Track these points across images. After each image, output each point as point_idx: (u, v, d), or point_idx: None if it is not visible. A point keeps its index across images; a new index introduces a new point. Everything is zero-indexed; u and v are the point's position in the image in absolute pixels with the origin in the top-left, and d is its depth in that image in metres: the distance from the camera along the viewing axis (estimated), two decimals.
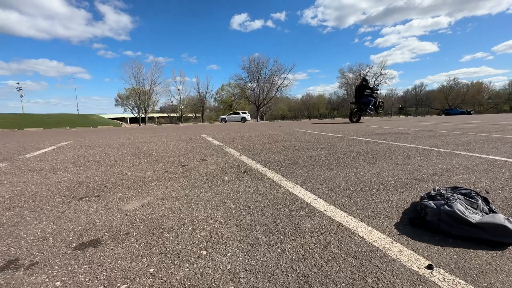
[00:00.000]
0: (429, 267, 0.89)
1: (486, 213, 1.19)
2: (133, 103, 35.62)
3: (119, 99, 36.32)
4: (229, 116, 24.65)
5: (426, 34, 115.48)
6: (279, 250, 1.01)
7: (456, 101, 50.86)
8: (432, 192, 1.40)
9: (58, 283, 0.83)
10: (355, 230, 1.16)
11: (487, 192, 1.52)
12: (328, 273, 0.86)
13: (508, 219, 1.07)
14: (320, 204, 1.48)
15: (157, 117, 57.06)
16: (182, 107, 39.92)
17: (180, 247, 1.04)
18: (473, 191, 1.35)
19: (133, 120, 47.49)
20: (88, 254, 1.00)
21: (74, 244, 1.08)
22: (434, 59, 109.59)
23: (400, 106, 54.68)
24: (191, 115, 46.40)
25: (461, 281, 0.82)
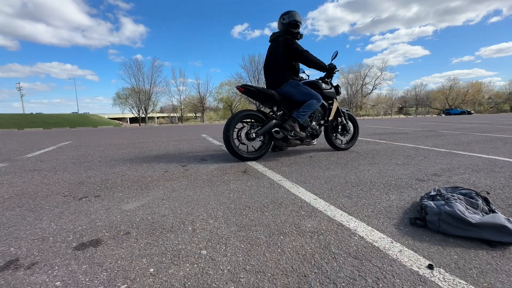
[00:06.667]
0: (430, 267, 0.88)
1: (487, 213, 1.19)
2: (132, 103, 35.51)
3: (117, 98, 36.15)
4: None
5: (415, 40, 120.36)
6: (279, 250, 1.01)
7: (456, 101, 50.80)
8: (432, 192, 1.40)
9: (58, 283, 0.83)
10: (355, 230, 1.16)
11: (488, 193, 1.52)
12: (328, 273, 0.86)
13: (509, 219, 1.07)
14: (320, 204, 1.48)
15: (157, 117, 57.07)
16: (182, 107, 39.84)
17: (180, 247, 1.04)
18: (473, 191, 1.35)
19: (133, 120, 47.47)
20: (88, 254, 1.00)
21: (74, 244, 1.08)
22: (426, 62, 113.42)
23: (400, 106, 54.63)
24: (191, 115, 46.32)
25: (461, 281, 0.82)
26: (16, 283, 0.83)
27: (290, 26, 2.84)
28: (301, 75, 3.31)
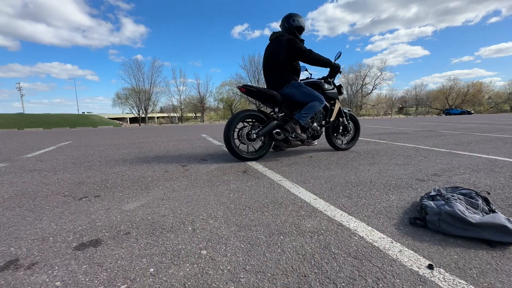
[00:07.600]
0: (430, 267, 0.88)
1: (487, 213, 1.19)
2: (132, 103, 35.49)
3: (117, 99, 36.13)
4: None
5: (414, 40, 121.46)
6: (279, 250, 1.01)
7: (456, 101, 50.78)
8: (432, 192, 1.40)
9: (58, 283, 0.83)
10: (355, 230, 1.16)
11: (488, 193, 1.52)
12: (328, 273, 0.86)
13: (509, 219, 1.07)
14: (320, 204, 1.48)
15: (157, 117, 57.09)
16: (182, 107, 39.81)
17: (180, 247, 1.04)
18: (473, 191, 1.35)
19: (133, 120, 47.49)
20: (88, 254, 1.00)
21: (74, 244, 1.08)
22: (426, 62, 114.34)
23: (400, 106, 54.63)
24: (191, 115, 46.31)
25: (461, 281, 0.82)
26: (16, 283, 0.83)
27: (298, 29, 2.87)
28: (303, 73, 3.33)
